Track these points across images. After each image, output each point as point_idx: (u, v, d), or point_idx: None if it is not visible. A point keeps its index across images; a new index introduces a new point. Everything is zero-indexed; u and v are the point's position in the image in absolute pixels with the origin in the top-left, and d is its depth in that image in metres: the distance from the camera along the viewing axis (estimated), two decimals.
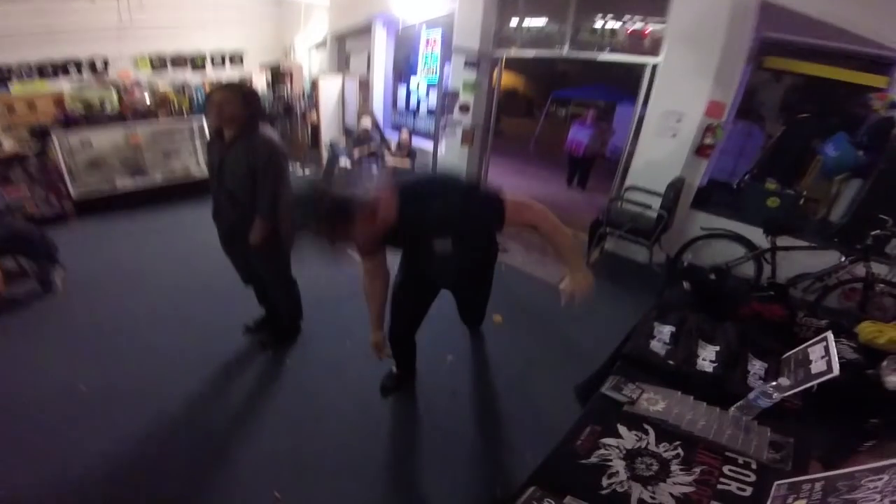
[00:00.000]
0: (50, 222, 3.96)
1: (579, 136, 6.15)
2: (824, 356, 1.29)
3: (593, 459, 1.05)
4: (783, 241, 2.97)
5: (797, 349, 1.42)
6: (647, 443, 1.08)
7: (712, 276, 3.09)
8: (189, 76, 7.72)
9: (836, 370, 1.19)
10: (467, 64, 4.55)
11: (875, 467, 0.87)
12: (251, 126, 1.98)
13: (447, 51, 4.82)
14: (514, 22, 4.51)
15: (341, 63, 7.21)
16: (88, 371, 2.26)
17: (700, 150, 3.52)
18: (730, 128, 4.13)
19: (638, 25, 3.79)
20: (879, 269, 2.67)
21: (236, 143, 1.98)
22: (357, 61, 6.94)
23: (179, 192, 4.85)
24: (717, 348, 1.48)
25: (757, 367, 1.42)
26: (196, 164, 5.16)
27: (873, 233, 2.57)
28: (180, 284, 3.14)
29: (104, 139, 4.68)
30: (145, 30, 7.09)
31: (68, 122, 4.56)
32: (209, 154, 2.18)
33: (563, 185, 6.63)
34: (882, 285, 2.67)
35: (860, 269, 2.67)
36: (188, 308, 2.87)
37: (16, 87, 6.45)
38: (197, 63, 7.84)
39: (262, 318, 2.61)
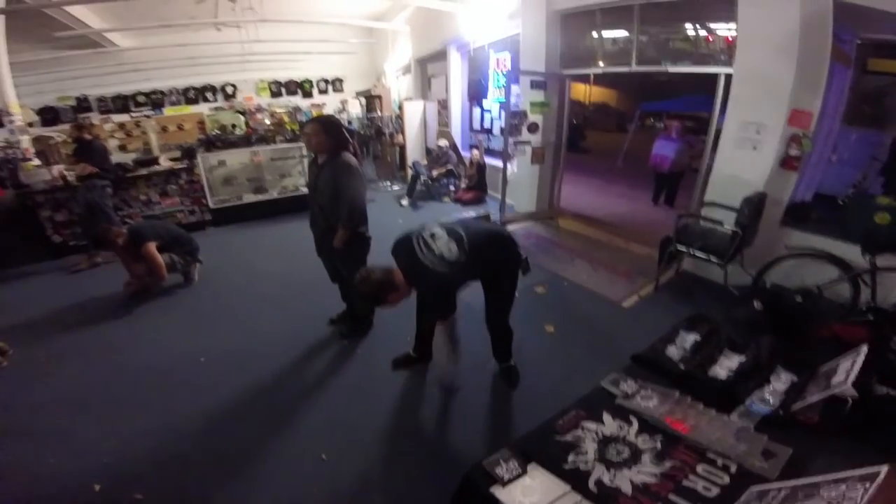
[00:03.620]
0: (193, 227, 5.01)
1: (664, 150, 5.84)
2: (850, 369, 1.26)
3: (567, 437, 1.16)
4: (886, 260, 2.64)
5: (831, 361, 1.37)
6: (627, 433, 1.17)
7: (798, 299, 2.85)
8: (298, 101, 8.84)
9: (850, 383, 1.17)
10: (534, 84, 4.68)
11: (838, 477, 0.88)
12: (335, 152, 2.47)
13: (514, 72, 5.02)
14: (581, 38, 4.57)
15: (424, 87, 7.71)
16: (207, 346, 2.90)
17: (785, 162, 3.25)
18: (833, 136, 3.72)
19: (718, 33, 3.65)
20: None
21: (325, 166, 2.48)
22: (437, 84, 7.40)
23: (289, 206, 5.76)
24: (744, 358, 1.48)
25: (783, 378, 1.40)
26: (303, 182, 6.02)
27: None
28: (284, 281, 3.83)
29: (235, 159, 5.72)
30: (262, 60, 8.15)
31: (207, 142, 5.61)
32: (309, 174, 2.71)
33: (649, 202, 6.34)
34: None
35: None
36: (288, 301, 3.49)
37: (168, 111, 8.03)
38: (305, 88, 9.06)
39: (344, 312, 3.07)
